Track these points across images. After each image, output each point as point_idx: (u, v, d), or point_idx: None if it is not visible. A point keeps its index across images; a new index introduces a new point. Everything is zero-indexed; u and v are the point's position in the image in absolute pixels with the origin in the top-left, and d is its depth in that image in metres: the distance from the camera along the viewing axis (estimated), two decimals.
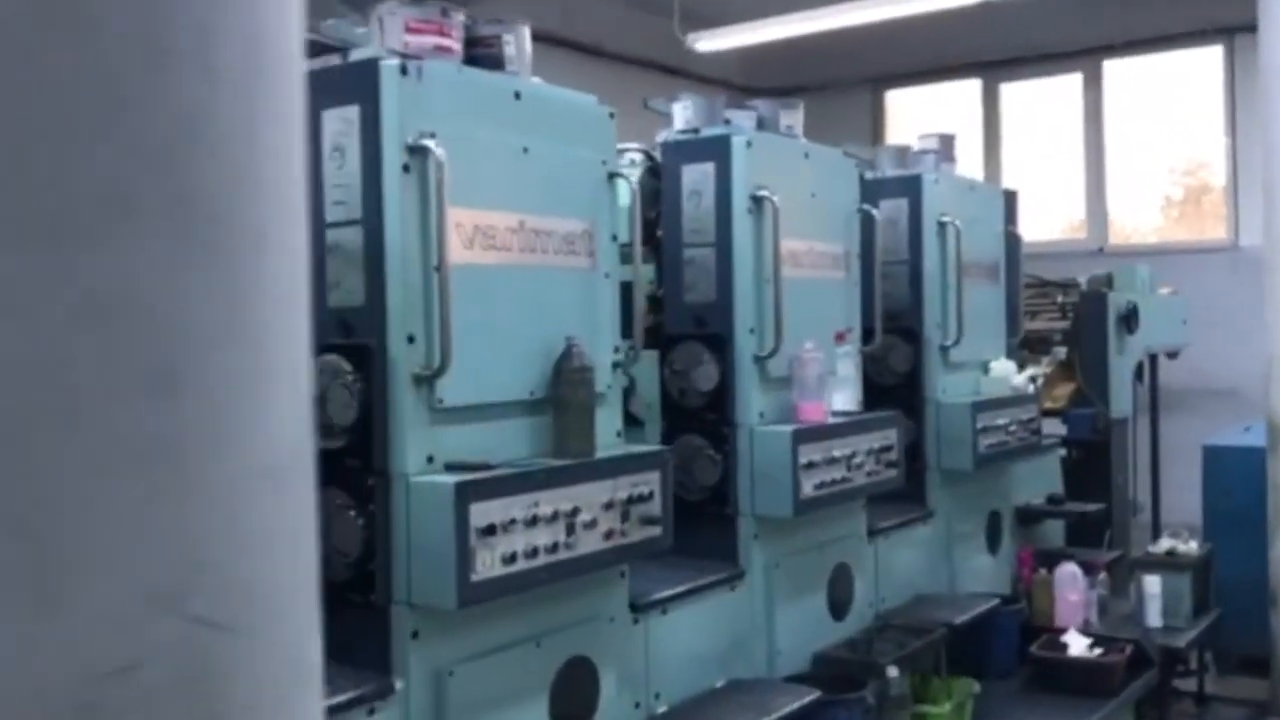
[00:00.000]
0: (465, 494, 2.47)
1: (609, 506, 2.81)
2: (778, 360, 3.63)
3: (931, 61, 11.05)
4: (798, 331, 3.68)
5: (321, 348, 2.62)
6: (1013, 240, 5.34)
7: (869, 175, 4.80)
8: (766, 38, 7.96)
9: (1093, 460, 6.29)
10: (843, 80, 11.63)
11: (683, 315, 3.70)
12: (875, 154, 4.90)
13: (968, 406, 4.64)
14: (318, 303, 2.67)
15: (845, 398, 3.88)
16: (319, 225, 2.65)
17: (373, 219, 2.57)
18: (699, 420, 3.66)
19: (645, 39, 9.11)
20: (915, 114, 11.54)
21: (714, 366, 3.61)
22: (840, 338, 3.87)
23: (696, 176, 3.67)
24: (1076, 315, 6.56)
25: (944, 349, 4.69)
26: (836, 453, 3.71)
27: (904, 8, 7.31)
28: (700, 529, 3.66)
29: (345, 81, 2.61)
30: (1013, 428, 4.91)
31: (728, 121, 3.77)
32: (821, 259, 3.92)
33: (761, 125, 3.88)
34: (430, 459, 2.59)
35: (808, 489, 3.59)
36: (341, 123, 2.60)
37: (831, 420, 3.78)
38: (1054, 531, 5.67)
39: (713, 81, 10.59)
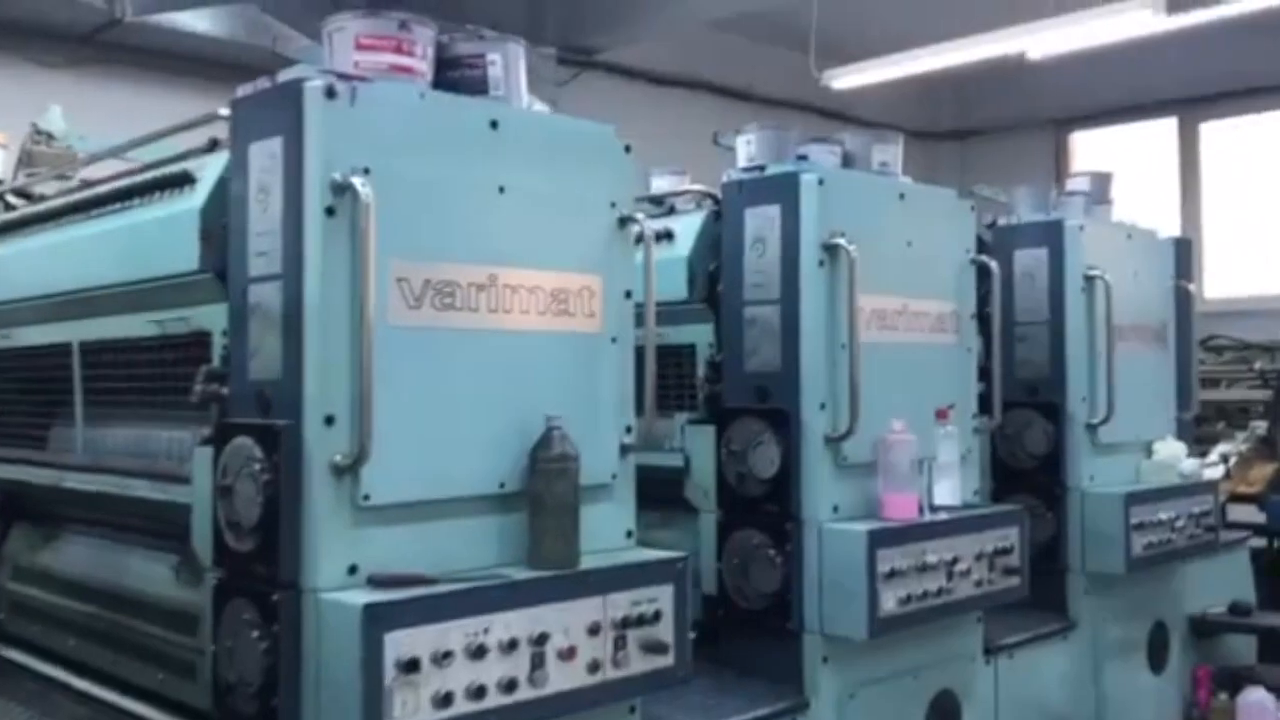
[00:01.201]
0: (379, 618, 1.96)
1: (595, 631, 2.24)
2: (856, 442, 2.99)
3: (1121, 99, 10.09)
4: (885, 407, 3.04)
5: (236, 429, 2.17)
6: (1184, 297, 4.50)
7: (1003, 221, 4.11)
8: (906, 72, 7.27)
9: None
10: (1023, 121, 10.77)
11: (743, 385, 3.11)
12: (1011, 196, 4.18)
13: (1119, 498, 3.84)
14: (238, 374, 2.24)
15: (948, 488, 3.19)
16: (243, 281, 2.21)
17: (292, 273, 2.11)
18: (758, 511, 3.04)
19: (790, 80, 8.54)
20: (1103, 157, 10.54)
21: (775, 447, 3.00)
22: (942, 415, 3.19)
23: (760, 222, 3.09)
24: None
25: (1091, 427, 3.91)
26: (932, 557, 3.03)
27: (1070, 37, 6.49)
28: (759, 645, 3.05)
29: (268, 109, 2.17)
30: (1180, 522, 4.06)
31: (804, 157, 3.18)
32: (919, 320, 3.25)
33: (848, 162, 3.27)
34: (352, 569, 2.09)
35: (890, 603, 2.92)
36: (266, 158, 2.16)
37: (928, 518, 3.10)
38: (1242, 646, 4.72)
39: (876, 125, 9.94)
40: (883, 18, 7.72)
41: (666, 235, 3.31)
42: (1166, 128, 10.11)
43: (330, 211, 2.07)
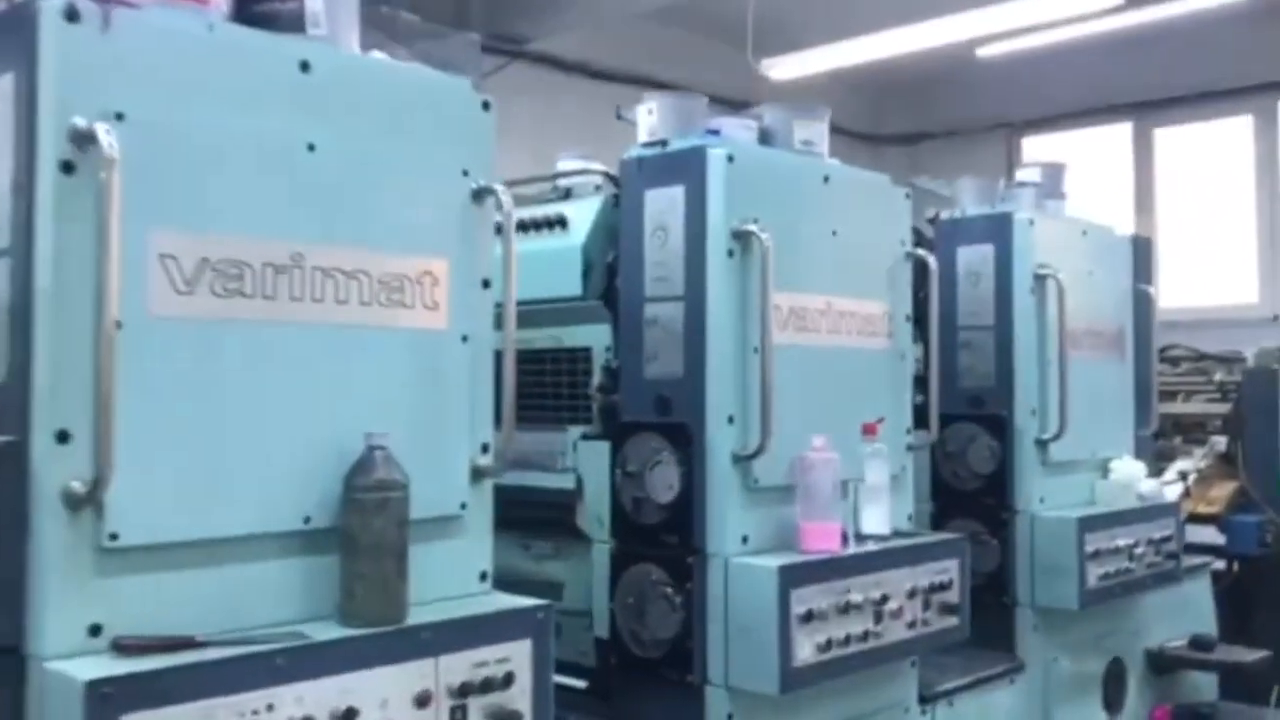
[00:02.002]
0: (109, 698, 1.49)
1: (424, 702, 1.79)
2: (769, 461, 2.55)
3: (1075, 102, 9.77)
4: (803, 421, 2.62)
5: None
6: (1144, 301, 4.12)
7: (946, 215, 3.70)
8: (848, 60, 6.88)
9: (1260, 582, 4.93)
10: (974, 125, 10.44)
11: (641, 395, 2.66)
12: (954, 188, 3.78)
13: (1072, 523, 3.44)
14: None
15: (876, 515, 2.76)
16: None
17: (21, 247, 1.64)
18: (656, 543, 2.60)
19: (732, 77, 8.15)
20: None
21: (676, 468, 2.56)
22: (870, 430, 2.77)
23: (662, 205, 2.65)
24: (1240, 397, 5.24)
25: (1042, 443, 3.51)
26: (857, 595, 2.60)
27: (1021, 21, 6.12)
28: (657, 699, 2.61)
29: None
30: (1139, 550, 3.67)
31: (715, 132, 2.75)
32: (845, 321, 2.83)
33: (766, 139, 2.84)
34: (95, 630, 1.61)
35: (806, 650, 2.48)
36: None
37: (853, 550, 2.67)
38: (1203, 683, 4.34)
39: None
40: (826, 7, 7.32)
41: (559, 222, 2.92)
42: (1121, 133, 9.81)
43: (68, 167, 1.61)
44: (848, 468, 2.68)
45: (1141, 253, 4.16)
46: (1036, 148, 10.57)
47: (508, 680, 1.90)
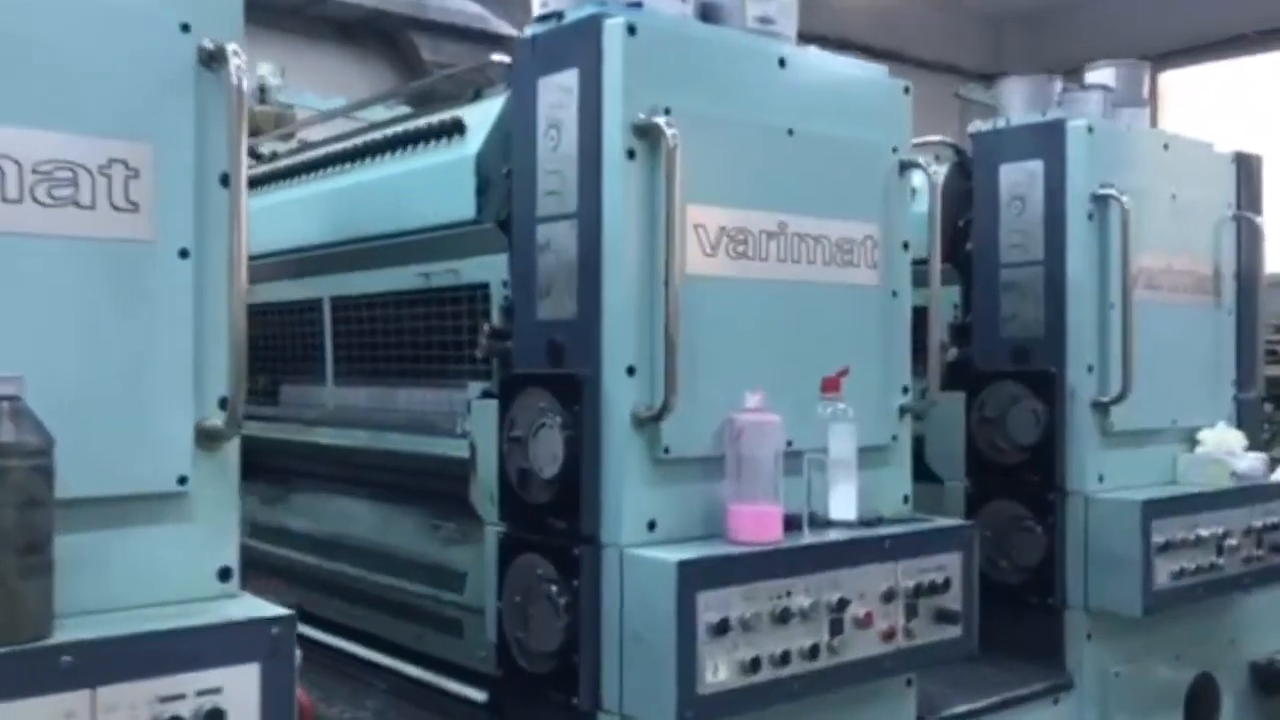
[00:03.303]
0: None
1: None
2: (677, 425, 1.97)
3: (1220, 30, 8.71)
4: (745, 377, 2.03)
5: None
6: (1250, 234, 3.33)
7: (985, 125, 3.01)
8: None
9: None
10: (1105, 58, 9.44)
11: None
12: (997, 92, 3.07)
13: (1133, 506, 2.73)
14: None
15: (841, 496, 2.14)
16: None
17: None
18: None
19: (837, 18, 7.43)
20: (1200, 97, 9.18)
21: (559, 433, 2.00)
22: (830, 387, 2.14)
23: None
24: None
25: (1100, 406, 2.81)
26: (801, 601, 1.99)
27: None
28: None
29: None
30: (1232, 541, 2.93)
31: (639, 4, 2.13)
32: (808, 247, 2.20)
33: (709, 14, 2.22)
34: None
35: (722, 674, 1.89)
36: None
37: (798, 541, 2.06)
38: None
39: (935, 66, 8.75)
40: None
41: (455, 128, 2.40)
42: (1273, 63, 8.71)
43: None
44: (806, 435, 2.08)
45: (1248, 174, 3.36)
46: (1178, 83, 9.53)
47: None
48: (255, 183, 2.85)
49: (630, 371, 1.96)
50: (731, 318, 2.07)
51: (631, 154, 1.97)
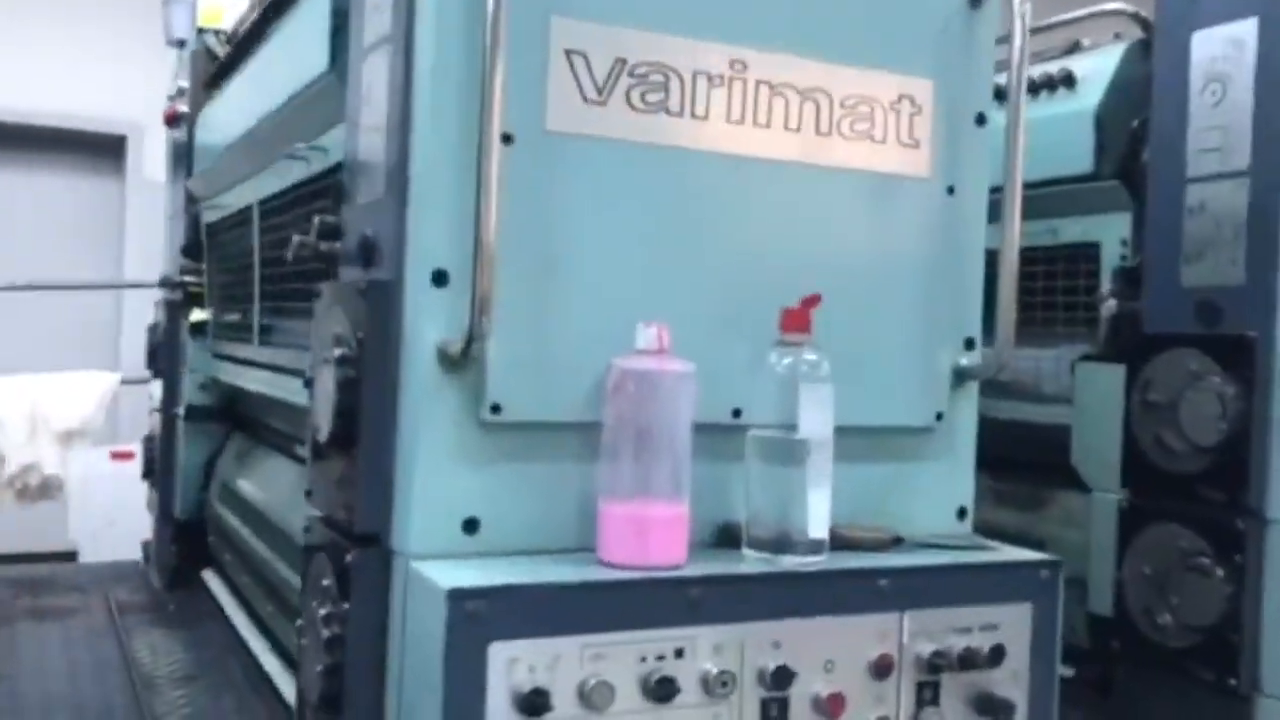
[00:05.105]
0: None
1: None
2: None
3: None
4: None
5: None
6: None
7: None
8: None
9: None
10: None
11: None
12: None
13: None
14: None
15: (817, 502, 1.32)
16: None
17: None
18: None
19: None
20: None
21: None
22: (795, 322, 1.33)
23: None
24: None
25: None
26: (694, 666, 1.21)
27: None
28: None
29: None
30: None
31: None
32: (776, 106, 1.40)
33: None
34: None
35: None
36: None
37: (674, 572, 1.27)
38: None
39: None
40: None
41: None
42: None
43: None
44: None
45: None
46: None
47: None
48: None
49: None
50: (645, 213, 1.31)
51: None
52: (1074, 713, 1.59)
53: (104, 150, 6.52)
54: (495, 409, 1.25)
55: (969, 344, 1.55)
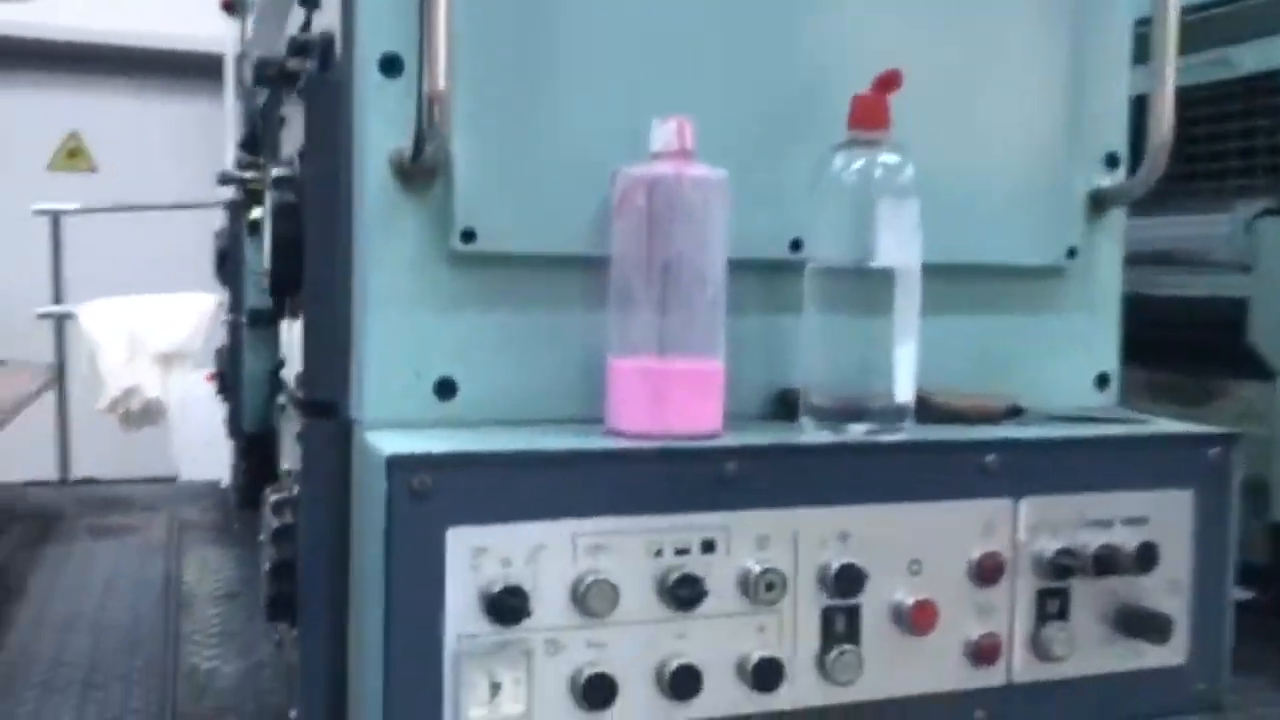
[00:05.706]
0: None
1: None
2: None
3: None
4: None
5: None
6: None
7: None
8: None
9: None
10: None
11: None
12: None
13: None
14: None
15: (904, 358, 1.01)
16: None
17: None
18: None
19: None
20: None
21: None
22: (867, 112, 1.00)
23: None
24: None
25: None
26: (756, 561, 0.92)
27: None
28: None
29: None
30: None
31: None
32: None
33: None
34: None
35: None
36: None
37: (702, 442, 0.97)
38: None
39: None
40: None
41: None
42: None
43: None
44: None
45: None
46: None
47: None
48: None
49: None
50: None
51: None
52: (1251, 643, 1.25)
53: (203, 71, 6.46)
54: (468, 236, 0.97)
55: (1111, 160, 1.19)
